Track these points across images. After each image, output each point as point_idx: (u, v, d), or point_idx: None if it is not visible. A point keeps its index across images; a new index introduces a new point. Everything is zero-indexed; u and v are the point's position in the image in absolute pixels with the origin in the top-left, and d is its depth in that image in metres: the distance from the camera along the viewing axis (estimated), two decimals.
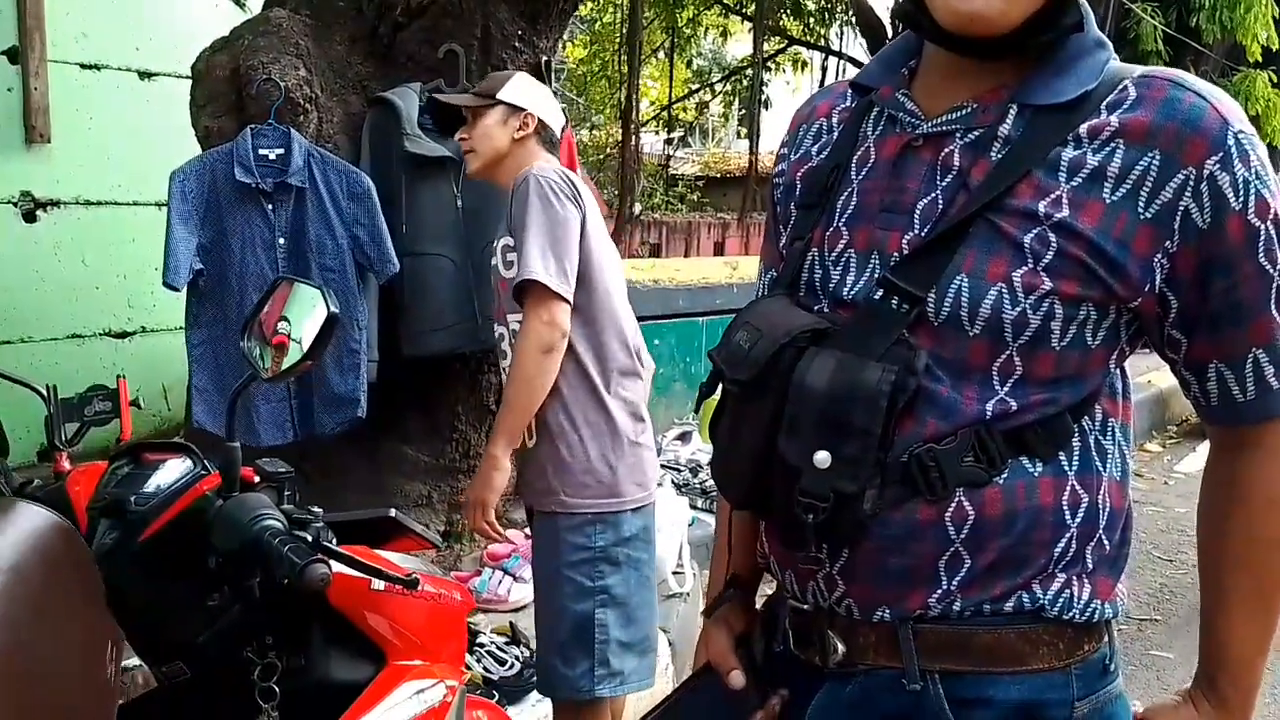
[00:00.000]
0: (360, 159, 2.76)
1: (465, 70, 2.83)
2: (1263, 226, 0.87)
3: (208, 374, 2.61)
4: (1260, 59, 9.20)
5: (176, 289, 2.57)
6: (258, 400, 2.59)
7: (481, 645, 2.46)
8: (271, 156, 2.57)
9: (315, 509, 1.25)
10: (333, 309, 1.13)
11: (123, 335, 4.05)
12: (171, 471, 1.15)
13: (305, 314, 1.16)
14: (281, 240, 2.58)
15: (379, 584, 1.27)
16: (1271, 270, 0.88)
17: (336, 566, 1.19)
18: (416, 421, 3.02)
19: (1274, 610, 0.96)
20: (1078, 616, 0.92)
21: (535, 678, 2.47)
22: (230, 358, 2.55)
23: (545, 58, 3.04)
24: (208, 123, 2.78)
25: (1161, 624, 3.53)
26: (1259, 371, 0.90)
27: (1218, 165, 0.86)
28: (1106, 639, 0.97)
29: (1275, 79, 9.96)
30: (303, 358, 1.17)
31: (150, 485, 1.13)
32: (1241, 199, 0.86)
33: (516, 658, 2.47)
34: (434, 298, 2.75)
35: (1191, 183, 0.86)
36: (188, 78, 2.89)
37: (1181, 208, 0.86)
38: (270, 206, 2.57)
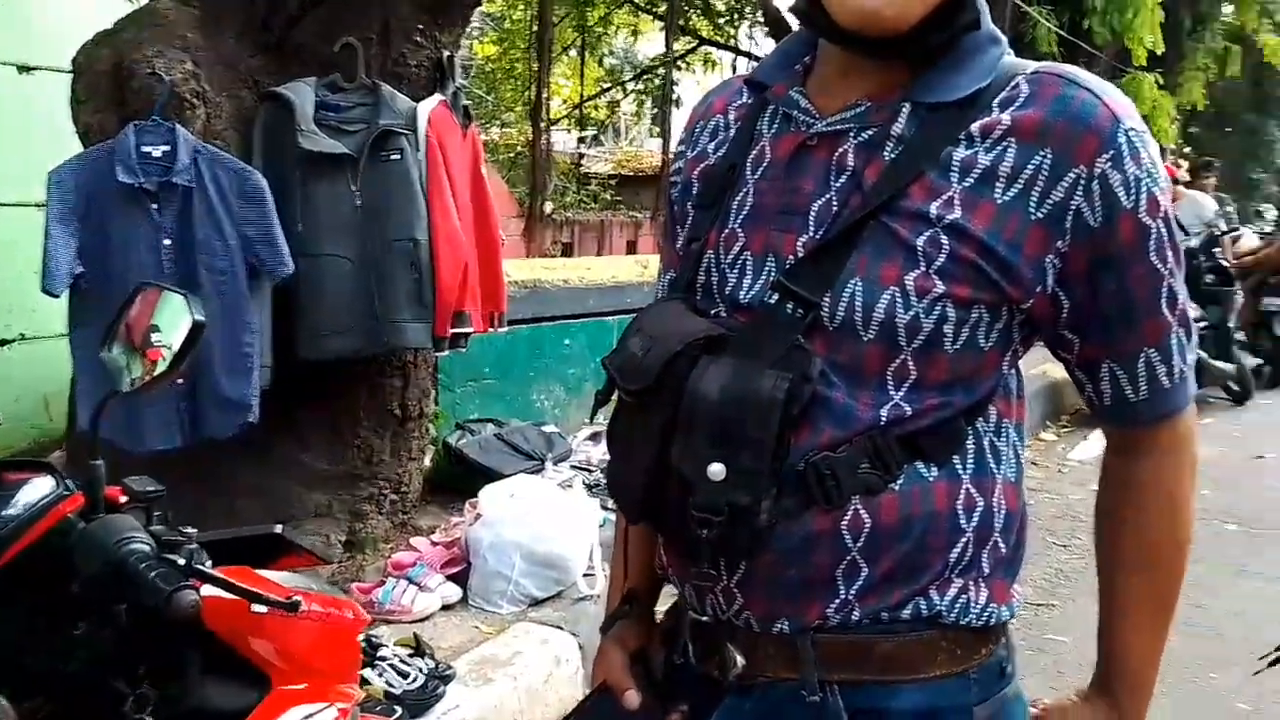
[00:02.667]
0: (252, 156, 2.65)
1: (364, 65, 2.75)
2: (1154, 225, 0.87)
3: (91, 377, 2.48)
4: (1146, 63, 9.59)
5: (55, 295, 2.44)
6: (143, 404, 2.46)
7: (384, 658, 2.38)
8: (156, 154, 2.45)
9: (189, 529, 1.19)
10: (198, 317, 1.07)
11: (2, 343, 3.85)
12: (32, 492, 1.08)
13: (172, 322, 1.10)
14: (167, 241, 2.47)
15: (260, 606, 1.21)
16: (1162, 269, 0.88)
17: (210, 590, 1.14)
18: (314, 428, 2.93)
19: (1170, 611, 0.97)
20: (974, 621, 0.92)
21: (440, 689, 2.43)
22: None
23: (448, 53, 2.97)
24: (89, 119, 2.65)
25: (1058, 609, 3.63)
26: (1151, 371, 0.90)
27: (1109, 163, 0.85)
28: (1003, 641, 0.97)
29: (1160, 81, 10.41)
30: (167, 369, 1.10)
31: (9, 508, 1.06)
32: (1133, 197, 0.85)
33: (421, 669, 2.40)
34: (331, 299, 2.66)
35: (1083, 181, 0.85)
36: (69, 72, 2.75)
37: (1073, 207, 0.85)
38: (155, 206, 2.45)
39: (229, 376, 2.47)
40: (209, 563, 1.20)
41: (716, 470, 0.85)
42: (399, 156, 2.68)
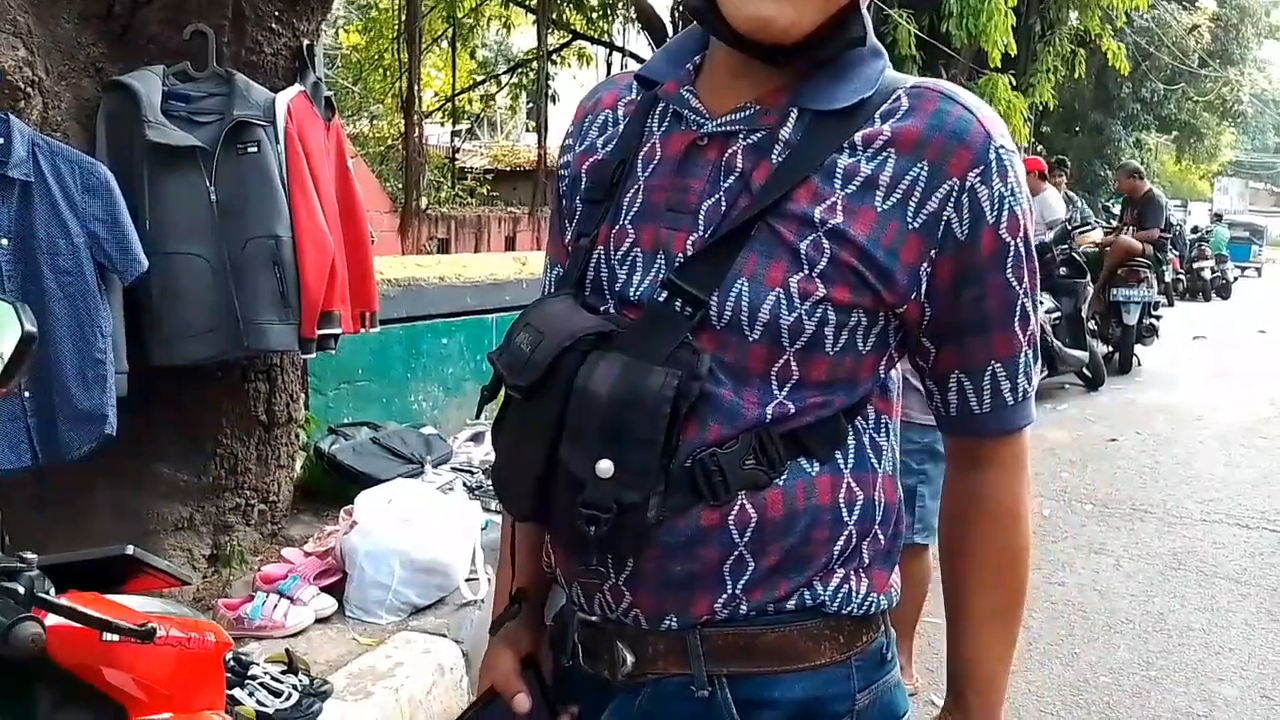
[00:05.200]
0: (95, 149, 2.48)
1: (215, 53, 2.60)
2: (1013, 243, 0.90)
3: None
4: (1000, 64, 10.05)
5: None
6: None
7: (254, 677, 2.27)
8: None
9: (28, 554, 1.10)
10: (28, 327, 0.98)
11: None
12: None
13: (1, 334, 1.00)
14: (4, 241, 2.27)
15: (112, 635, 1.13)
16: (1017, 287, 0.92)
17: (55, 620, 1.06)
18: (173, 437, 2.76)
19: (1015, 623, 1.00)
20: (856, 610, 0.94)
21: (316, 706, 2.33)
22: None
23: (307, 41, 2.84)
24: None
25: (931, 592, 3.76)
26: (996, 384, 0.94)
27: (978, 178, 0.88)
28: (883, 629, 0.99)
29: (1014, 82, 10.93)
30: None
31: None
32: (995, 213, 0.89)
33: (294, 687, 2.29)
34: (187, 301, 2.50)
35: (954, 194, 0.88)
36: None
37: (944, 218, 0.88)
38: None
39: (82, 386, 2.30)
40: (52, 590, 1.11)
41: (605, 467, 0.85)
42: (256, 149, 2.54)
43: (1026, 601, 1.00)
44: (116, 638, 1.13)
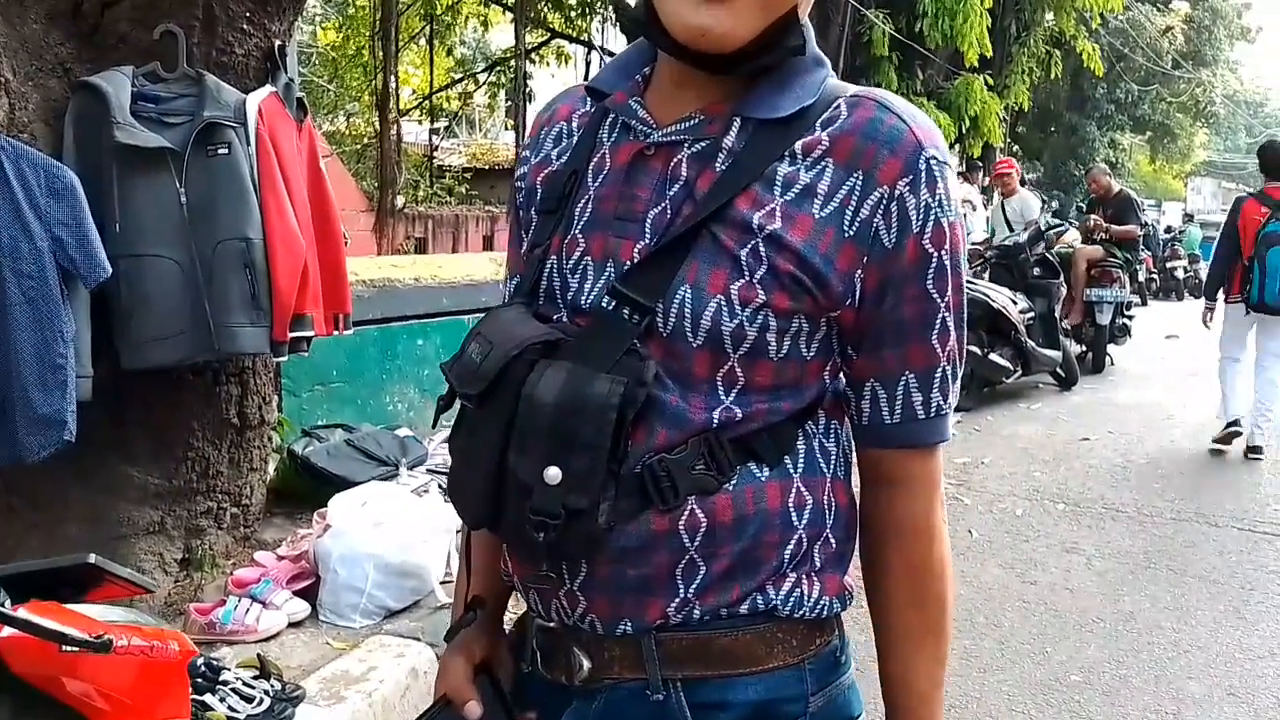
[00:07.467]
0: (63, 151, 2.45)
1: (186, 54, 2.58)
2: (936, 254, 0.91)
3: None
4: (976, 64, 10.12)
5: None
6: None
7: (226, 683, 2.25)
8: None
9: None
10: None
11: None
12: None
13: None
14: None
15: (71, 646, 1.12)
16: (937, 299, 0.92)
17: (10, 632, 1.05)
18: (143, 440, 2.73)
19: (940, 641, 0.99)
20: (808, 614, 0.94)
21: (288, 711, 2.32)
22: None
23: (279, 41, 2.82)
24: None
25: None
26: (908, 396, 0.94)
27: (907, 187, 0.89)
28: (837, 632, 1.00)
29: (990, 83, 11.00)
30: None
31: None
32: (920, 222, 0.90)
33: (266, 692, 2.28)
34: (157, 304, 2.48)
35: (884, 201, 0.89)
36: None
37: (875, 225, 0.89)
38: None
39: (41, 390, 2.27)
40: (8, 601, 1.10)
41: (553, 474, 0.85)
42: (227, 151, 2.52)
43: (951, 619, 0.99)
44: (76, 648, 1.12)
